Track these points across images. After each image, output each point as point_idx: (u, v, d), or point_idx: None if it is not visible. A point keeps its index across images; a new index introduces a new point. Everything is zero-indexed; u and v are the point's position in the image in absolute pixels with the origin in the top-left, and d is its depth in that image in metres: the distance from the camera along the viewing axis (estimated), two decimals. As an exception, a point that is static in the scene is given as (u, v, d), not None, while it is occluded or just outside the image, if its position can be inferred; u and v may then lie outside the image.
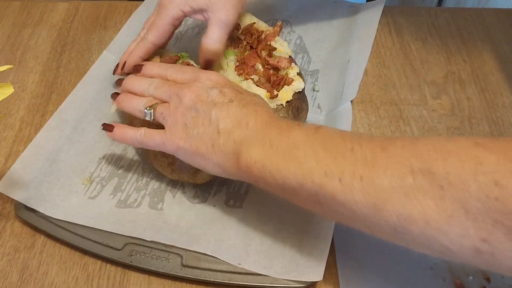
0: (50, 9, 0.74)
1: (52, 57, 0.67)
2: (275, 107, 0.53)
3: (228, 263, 0.47)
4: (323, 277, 0.45)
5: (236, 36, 0.60)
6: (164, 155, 0.50)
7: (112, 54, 0.65)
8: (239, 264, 0.47)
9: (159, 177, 0.54)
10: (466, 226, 0.32)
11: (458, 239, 0.33)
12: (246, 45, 0.59)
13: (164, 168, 0.51)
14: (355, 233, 0.49)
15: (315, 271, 0.46)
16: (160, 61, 0.56)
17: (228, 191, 0.53)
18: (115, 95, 0.52)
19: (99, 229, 0.49)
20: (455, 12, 0.75)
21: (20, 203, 0.50)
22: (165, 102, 0.47)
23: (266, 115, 0.44)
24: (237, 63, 0.58)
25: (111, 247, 0.47)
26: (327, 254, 0.47)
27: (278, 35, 0.60)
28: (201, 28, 0.70)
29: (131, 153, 0.56)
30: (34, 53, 0.68)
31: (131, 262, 0.47)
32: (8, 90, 0.36)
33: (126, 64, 0.56)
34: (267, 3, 0.72)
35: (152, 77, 0.51)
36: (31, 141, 0.56)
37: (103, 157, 0.55)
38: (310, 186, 0.39)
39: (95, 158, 0.55)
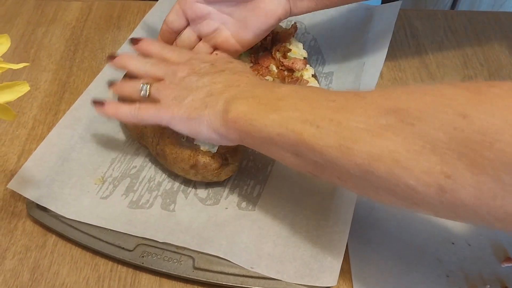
0: (64, 8, 0.74)
1: (65, 56, 0.67)
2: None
3: (241, 266, 0.46)
4: (337, 283, 0.45)
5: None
6: (184, 159, 0.49)
7: (126, 54, 0.64)
8: (252, 267, 0.46)
9: (172, 178, 0.54)
10: (433, 162, 0.32)
11: (423, 176, 0.32)
12: (260, 46, 0.59)
13: (186, 172, 0.50)
14: (370, 238, 0.49)
15: (329, 276, 0.45)
16: None
17: (240, 193, 0.52)
18: (111, 83, 0.52)
19: (111, 230, 0.48)
20: (472, 15, 0.74)
21: (32, 202, 0.50)
22: (160, 79, 0.48)
23: (257, 81, 0.46)
24: (251, 64, 0.58)
25: (123, 248, 0.47)
26: (342, 259, 0.46)
27: (293, 36, 0.60)
28: (215, 29, 0.70)
29: (143, 154, 0.56)
30: (47, 51, 0.68)
31: (143, 263, 0.46)
32: (24, 88, 0.36)
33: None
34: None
35: (149, 56, 0.52)
36: (43, 139, 0.55)
37: (116, 157, 0.55)
38: (290, 135, 0.39)
39: (107, 158, 0.55)
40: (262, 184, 0.53)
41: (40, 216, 0.50)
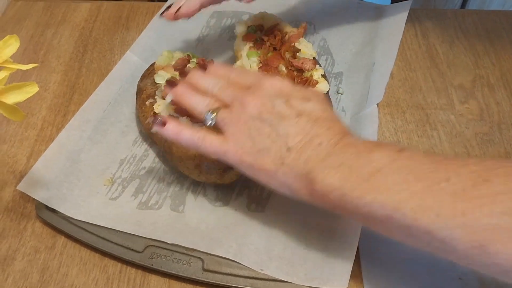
0: (73, 9, 0.74)
1: (74, 57, 0.67)
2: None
3: (250, 268, 0.46)
4: (348, 285, 0.44)
5: (259, 37, 0.60)
6: (190, 157, 0.49)
7: (135, 55, 0.64)
8: (261, 269, 0.46)
9: (181, 179, 0.53)
10: None
11: None
12: (269, 46, 0.59)
13: (190, 171, 0.50)
14: (381, 241, 0.48)
15: (340, 279, 0.44)
16: (174, 65, 0.56)
17: (250, 194, 0.52)
18: (172, 84, 0.48)
19: (120, 231, 0.48)
20: (483, 15, 0.73)
21: (41, 203, 0.50)
22: (226, 105, 0.44)
23: (340, 133, 0.41)
24: (260, 65, 0.57)
25: (132, 250, 0.47)
26: (353, 261, 0.45)
27: (302, 36, 0.60)
28: (224, 30, 0.70)
29: (152, 155, 0.56)
30: (56, 53, 0.68)
31: (152, 265, 0.46)
32: (33, 89, 0.36)
33: (182, 9, 0.54)
34: (291, 4, 0.71)
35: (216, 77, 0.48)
36: (52, 140, 0.55)
37: (125, 158, 0.55)
38: (401, 219, 0.35)
39: (116, 159, 0.55)
40: (271, 185, 0.53)
41: (49, 217, 0.49)
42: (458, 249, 0.33)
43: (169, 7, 0.56)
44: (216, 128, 0.44)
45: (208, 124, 0.44)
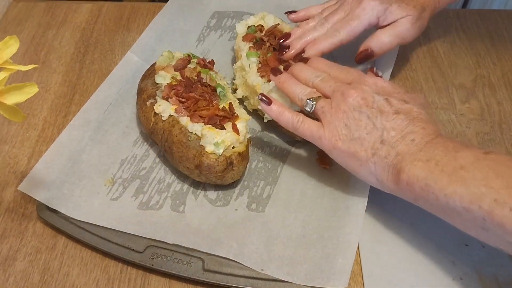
0: (74, 10, 0.75)
1: (75, 57, 0.68)
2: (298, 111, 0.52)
3: (251, 268, 0.46)
4: (348, 285, 0.44)
5: (259, 38, 0.60)
6: (190, 157, 0.49)
7: (135, 55, 0.64)
8: (262, 269, 0.46)
9: (181, 179, 0.53)
10: None
11: None
12: (269, 47, 0.59)
13: (191, 171, 0.50)
14: (382, 240, 0.48)
15: (340, 279, 0.44)
16: (174, 65, 0.56)
17: (250, 194, 0.52)
18: (277, 72, 0.52)
19: (121, 231, 0.48)
20: (484, 14, 0.73)
21: (42, 203, 0.50)
22: (327, 97, 0.47)
23: (433, 133, 0.43)
24: (260, 65, 0.57)
25: (133, 250, 0.47)
26: (353, 261, 0.45)
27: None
28: (224, 30, 0.70)
29: (153, 155, 0.56)
30: (57, 53, 0.68)
31: (152, 265, 0.46)
32: (33, 90, 0.36)
33: (306, 51, 0.56)
34: (291, 5, 0.71)
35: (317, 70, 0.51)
36: (53, 141, 0.56)
37: (126, 158, 0.55)
38: (477, 211, 0.37)
39: (117, 159, 0.55)
40: (272, 186, 0.53)
41: (50, 218, 0.50)
42: None
43: (283, 41, 0.57)
44: (313, 117, 0.48)
45: (307, 110, 0.48)
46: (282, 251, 0.47)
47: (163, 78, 0.55)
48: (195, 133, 0.50)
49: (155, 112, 0.53)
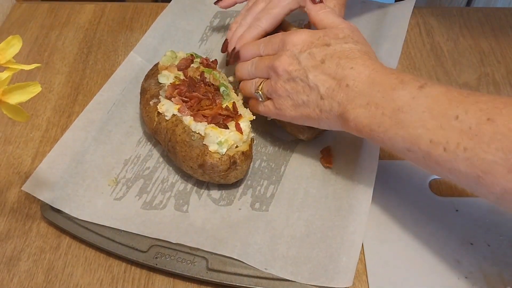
0: (77, 10, 0.75)
1: (78, 58, 0.68)
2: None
3: (255, 267, 0.46)
4: (352, 284, 0.44)
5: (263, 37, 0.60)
6: (193, 157, 0.49)
7: (139, 56, 0.64)
8: (266, 269, 0.45)
9: (185, 179, 0.53)
10: None
11: None
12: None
13: (194, 171, 0.50)
14: (386, 238, 0.48)
15: (344, 278, 0.44)
16: (177, 65, 0.56)
17: (254, 194, 0.52)
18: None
19: (125, 231, 0.48)
20: (488, 12, 0.73)
21: (46, 204, 0.50)
22: (267, 79, 0.50)
23: (364, 70, 0.44)
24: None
25: (136, 249, 0.47)
26: (357, 260, 0.45)
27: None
28: (226, 30, 0.70)
29: (156, 155, 0.56)
30: (61, 54, 0.68)
31: (156, 264, 0.46)
32: (36, 89, 0.36)
33: (236, 48, 0.57)
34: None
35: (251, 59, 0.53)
36: (57, 141, 0.56)
37: (129, 158, 0.55)
38: (418, 151, 0.40)
39: (121, 159, 0.55)
40: (275, 185, 0.53)
41: (54, 218, 0.50)
42: (460, 179, 0.38)
43: (223, 48, 0.60)
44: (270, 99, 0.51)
45: (260, 101, 0.51)
46: (286, 251, 0.47)
47: (166, 78, 0.55)
48: (199, 133, 0.50)
49: (158, 112, 0.53)
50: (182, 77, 0.55)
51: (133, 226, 0.49)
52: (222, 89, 0.53)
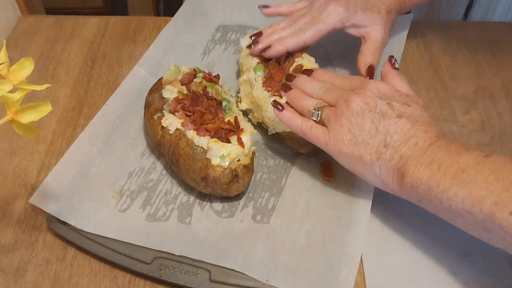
0: (82, 24, 0.76)
1: (83, 71, 0.69)
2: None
3: (256, 279, 0.47)
4: (352, 296, 0.45)
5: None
6: (196, 170, 0.50)
7: (143, 69, 0.66)
8: (267, 280, 0.47)
9: (187, 191, 0.55)
10: None
11: None
12: (274, 61, 0.60)
13: (197, 183, 0.51)
14: (385, 251, 0.49)
15: (344, 289, 0.45)
16: (181, 80, 0.57)
17: (255, 206, 0.53)
18: (287, 88, 0.54)
19: (129, 243, 0.49)
20: (485, 26, 0.74)
21: (52, 215, 0.51)
22: (332, 106, 0.49)
23: (435, 136, 0.45)
24: (265, 79, 0.58)
25: (141, 261, 0.48)
26: (356, 271, 0.46)
27: (306, 51, 0.61)
28: (229, 44, 0.71)
29: (160, 167, 0.57)
30: (66, 67, 0.70)
31: (160, 276, 0.47)
32: (47, 109, 0.38)
33: (272, 49, 0.59)
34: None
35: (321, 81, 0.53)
36: (62, 153, 0.57)
37: (133, 170, 0.56)
38: (478, 214, 0.39)
39: (125, 171, 0.56)
40: (276, 197, 0.54)
41: (60, 229, 0.51)
42: None
43: (255, 39, 0.60)
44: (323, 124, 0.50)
45: (314, 119, 0.50)
46: (287, 262, 0.48)
47: (170, 92, 0.56)
48: (201, 146, 0.51)
49: (162, 126, 0.54)
50: (185, 91, 0.56)
51: (137, 238, 0.50)
52: (224, 103, 0.54)
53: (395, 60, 0.53)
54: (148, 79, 0.64)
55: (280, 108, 0.52)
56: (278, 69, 0.59)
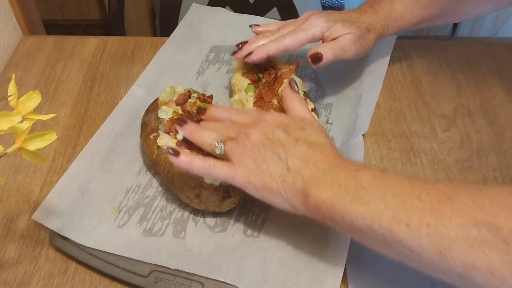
0: (81, 44, 0.79)
1: (83, 90, 0.72)
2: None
3: (247, 291, 0.50)
4: (336, 305, 0.48)
5: (257, 75, 0.65)
6: (190, 187, 0.53)
7: (140, 89, 0.69)
8: (257, 292, 0.50)
9: (182, 207, 0.58)
10: None
11: None
12: (265, 82, 0.63)
13: (191, 200, 0.55)
14: (368, 265, 0.52)
15: (329, 298, 0.48)
16: (175, 100, 0.60)
17: (246, 220, 0.56)
18: (182, 122, 0.54)
19: (127, 257, 0.52)
20: (465, 45, 0.78)
21: (54, 231, 0.54)
22: (232, 139, 0.50)
23: (332, 155, 0.47)
24: (255, 99, 0.62)
25: (138, 274, 0.51)
26: (340, 281, 0.49)
27: (294, 73, 0.64)
28: (222, 64, 0.75)
29: (155, 184, 0.60)
30: (66, 86, 0.73)
31: (156, 288, 0.50)
32: (52, 137, 0.41)
33: (253, 54, 0.62)
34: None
35: (218, 120, 0.55)
36: (63, 171, 0.60)
37: (130, 187, 0.59)
38: (378, 229, 0.41)
39: (123, 188, 0.59)
40: (266, 212, 0.57)
41: (61, 244, 0.54)
42: (422, 256, 0.39)
43: (240, 48, 0.64)
44: (223, 159, 0.50)
45: (217, 153, 0.50)
46: (277, 274, 0.51)
47: (165, 113, 0.59)
48: (195, 165, 0.54)
49: (157, 145, 0.57)
50: (180, 111, 0.59)
51: (134, 252, 0.53)
52: (216, 124, 0.58)
53: (295, 83, 0.55)
54: (144, 99, 0.67)
55: (174, 153, 0.50)
56: (268, 89, 0.62)
